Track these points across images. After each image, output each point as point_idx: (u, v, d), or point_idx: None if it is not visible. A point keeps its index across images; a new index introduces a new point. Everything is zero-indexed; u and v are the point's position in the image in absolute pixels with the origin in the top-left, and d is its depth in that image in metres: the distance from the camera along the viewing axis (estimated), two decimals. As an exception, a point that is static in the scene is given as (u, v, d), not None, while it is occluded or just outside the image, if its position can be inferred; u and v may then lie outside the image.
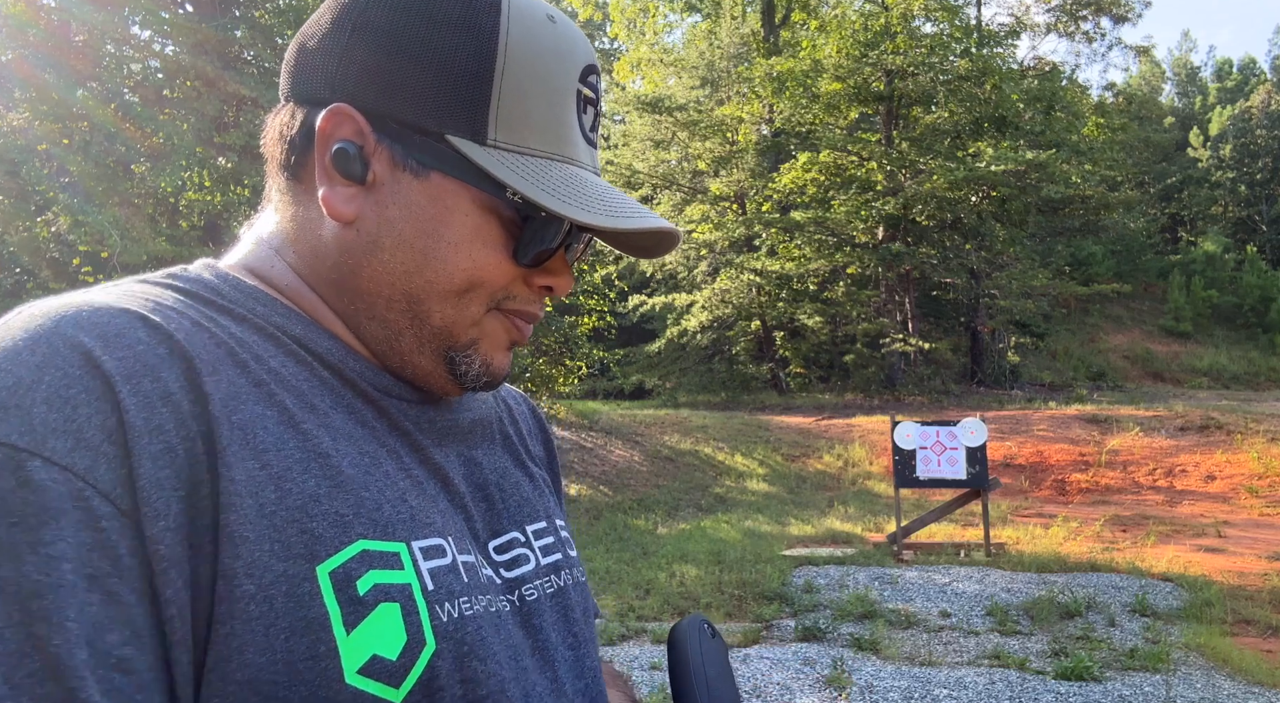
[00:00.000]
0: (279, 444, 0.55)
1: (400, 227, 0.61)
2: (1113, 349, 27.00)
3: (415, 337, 0.64)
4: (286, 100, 0.65)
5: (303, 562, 0.52)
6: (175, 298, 0.58)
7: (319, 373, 0.61)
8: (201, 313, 0.58)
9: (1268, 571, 7.38)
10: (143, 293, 0.57)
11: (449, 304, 0.63)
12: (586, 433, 14.27)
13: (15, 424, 0.47)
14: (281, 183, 0.66)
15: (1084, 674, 4.87)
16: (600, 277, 12.74)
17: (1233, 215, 35.55)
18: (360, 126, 0.61)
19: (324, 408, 0.59)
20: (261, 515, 0.52)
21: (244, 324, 0.60)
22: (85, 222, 9.34)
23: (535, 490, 0.76)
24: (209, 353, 0.55)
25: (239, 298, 0.61)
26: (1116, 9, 26.09)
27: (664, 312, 22.01)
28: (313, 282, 0.65)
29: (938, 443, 8.15)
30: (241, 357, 0.57)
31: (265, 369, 0.57)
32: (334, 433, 0.58)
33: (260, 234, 0.68)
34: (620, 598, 6.74)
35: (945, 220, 20.27)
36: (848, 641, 5.62)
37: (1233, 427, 13.57)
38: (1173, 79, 46.61)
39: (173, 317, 0.55)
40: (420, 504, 0.61)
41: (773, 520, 10.27)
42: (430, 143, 0.60)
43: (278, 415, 0.56)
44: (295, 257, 0.65)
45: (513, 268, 0.64)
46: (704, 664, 0.75)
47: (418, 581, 0.57)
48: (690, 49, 25.24)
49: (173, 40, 10.91)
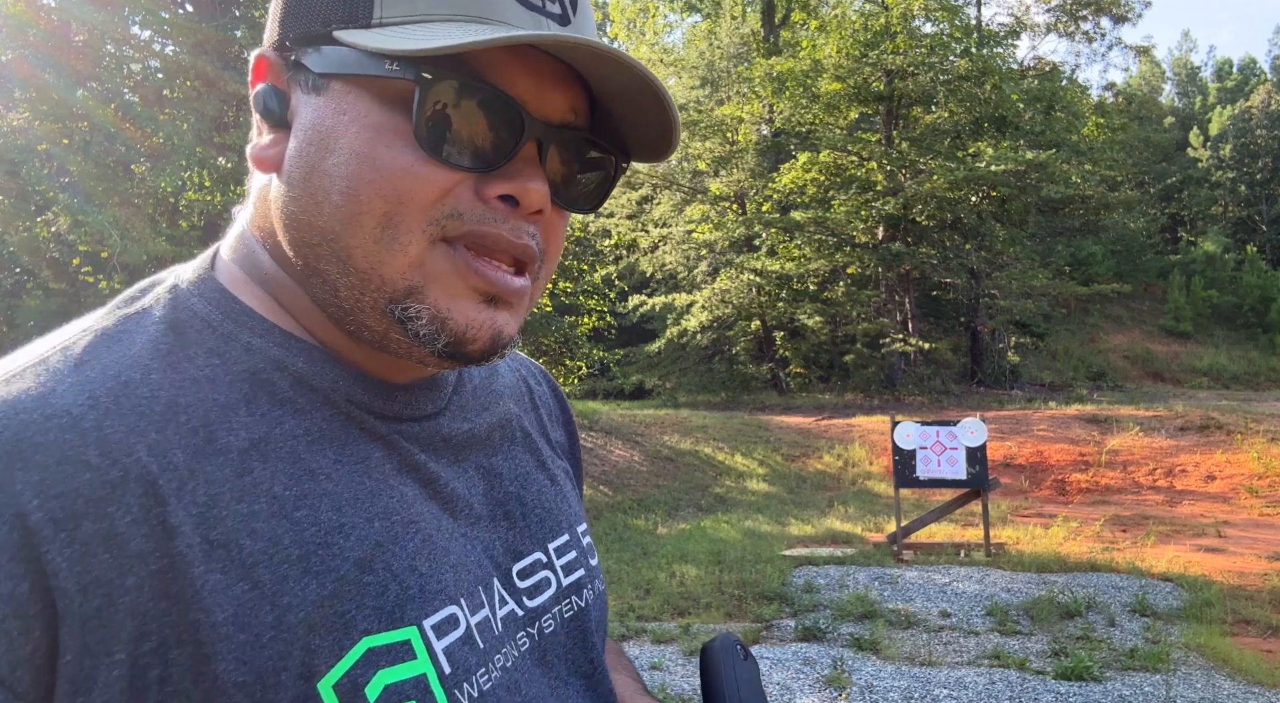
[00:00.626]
0: (271, 547, 0.48)
1: (307, 153, 0.52)
2: (1113, 349, 27.00)
3: (349, 287, 0.53)
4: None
5: (300, 682, 0.46)
6: (154, 349, 0.51)
7: (320, 416, 0.54)
8: (184, 375, 0.50)
9: (1268, 571, 7.38)
10: (118, 358, 0.49)
11: (369, 237, 0.51)
12: (586, 433, 14.27)
13: None
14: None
15: (1084, 674, 4.87)
16: (600, 277, 12.74)
17: (1233, 215, 35.56)
18: (273, 63, 0.54)
19: (326, 468, 0.52)
20: (257, 647, 0.45)
21: (235, 370, 0.52)
22: (85, 222, 9.35)
23: (558, 495, 0.71)
24: (182, 454, 0.47)
25: (231, 331, 0.54)
26: (1116, 9, 26.09)
27: (664, 312, 22.01)
28: (283, 263, 0.56)
29: (938, 443, 8.15)
30: (222, 441, 0.49)
31: (253, 442, 0.50)
32: (337, 502, 0.52)
33: (242, 218, 0.61)
34: (620, 598, 6.74)
35: (945, 220, 20.28)
36: (848, 641, 5.62)
37: (1233, 427, 13.57)
38: (1173, 79, 46.62)
39: (141, 402, 0.47)
40: (431, 567, 0.54)
41: (773, 521, 10.27)
42: (322, 48, 0.52)
43: (268, 507, 0.49)
44: (262, 236, 0.57)
45: (439, 171, 0.51)
46: (738, 688, 0.73)
47: (433, 667, 0.51)
48: (690, 49, 25.24)
49: (173, 40, 10.92)
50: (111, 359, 0.49)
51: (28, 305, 10.18)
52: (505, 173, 0.52)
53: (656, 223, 23.59)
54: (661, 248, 22.90)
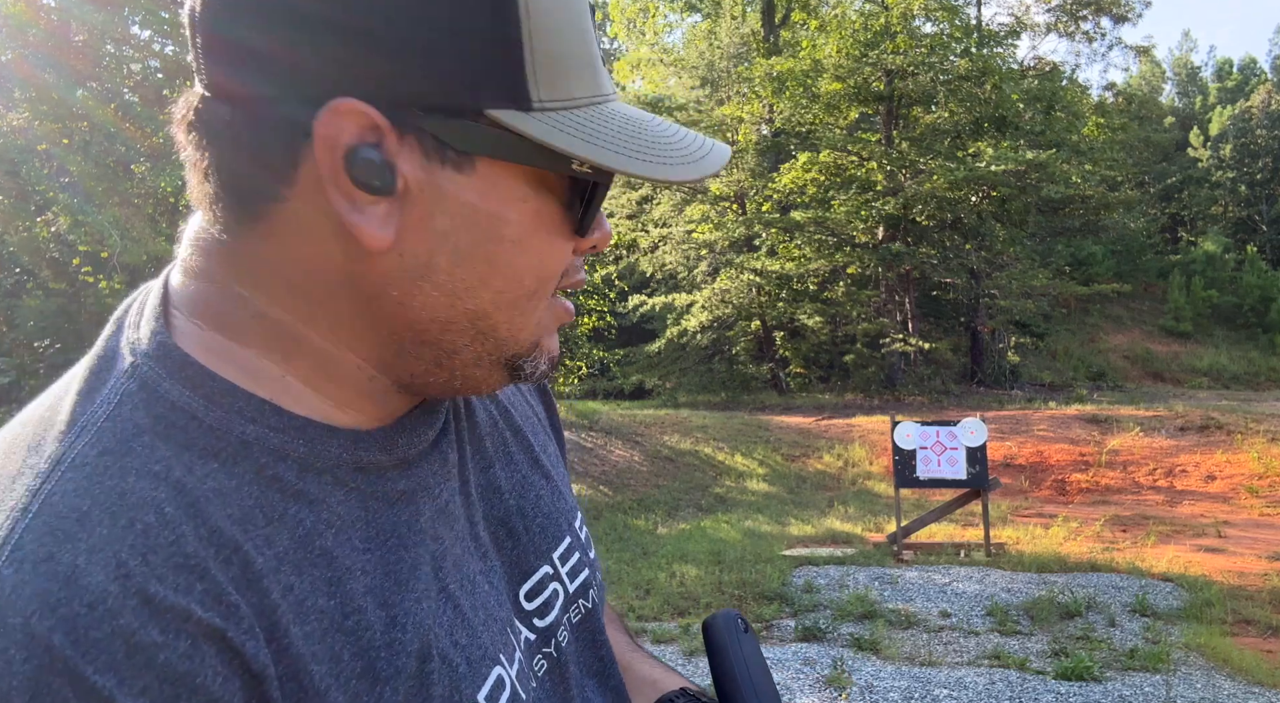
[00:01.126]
0: (335, 668, 0.46)
1: (455, 239, 0.49)
2: (1113, 349, 27.00)
3: (474, 353, 0.53)
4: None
5: None
6: (149, 471, 0.45)
7: (332, 502, 0.50)
8: (193, 496, 0.45)
9: (1268, 571, 7.38)
10: (118, 497, 0.43)
11: (517, 311, 0.52)
12: (586, 433, 14.27)
13: None
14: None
15: (1084, 674, 4.87)
16: (600, 277, 12.74)
17: (1233, 215, 35.56)
18: (373, 121, 0.46)
19: (357, 562, 0.50)
20: None
21: (236, 473, 0.47)
22: (85, 222, 9.35)
23: (554, 495, 0.69)
24: (234, 592, 0.44)
25: (221, 421, 0.48)
26: (1116, 9, 26.09)
27: (664, 312, 22.02)
28: (325, 329, 0.51)
29: (938, 443, 8.15)
30: (258, 565, 0.45)
31: (283, 556, 0.47)
32: (379, 597, 0.49)
33: (214, 267, 0.51)
34: (620, 598, 6.74)
35: (945, 220, 20.28)
36: (848, 641, 5.62)
37: (1233, 427, 13.57)
38: (1173, 79, 46.62)
39: (172, 552, 0.43)
40: (469, 637, 0.54)
41: (773, 520, 10.27)
42: (466, 124, 0.47)
43: (319, 625, 0.47)
44: (293, 301, 0.51)
45: (572, 245, 0.54)
46: (745, 659, 0.75)
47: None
48: (690, 49, 25.25)
49: (173, 40, 10.91)
50: (111, 501, 0.43)
51: (28, 305, 10.18)
52: (596, 224, 0.55)
53: (656, 223, 23.59)
54: (661, 248, 22.91)
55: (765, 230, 21.09)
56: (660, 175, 0.50)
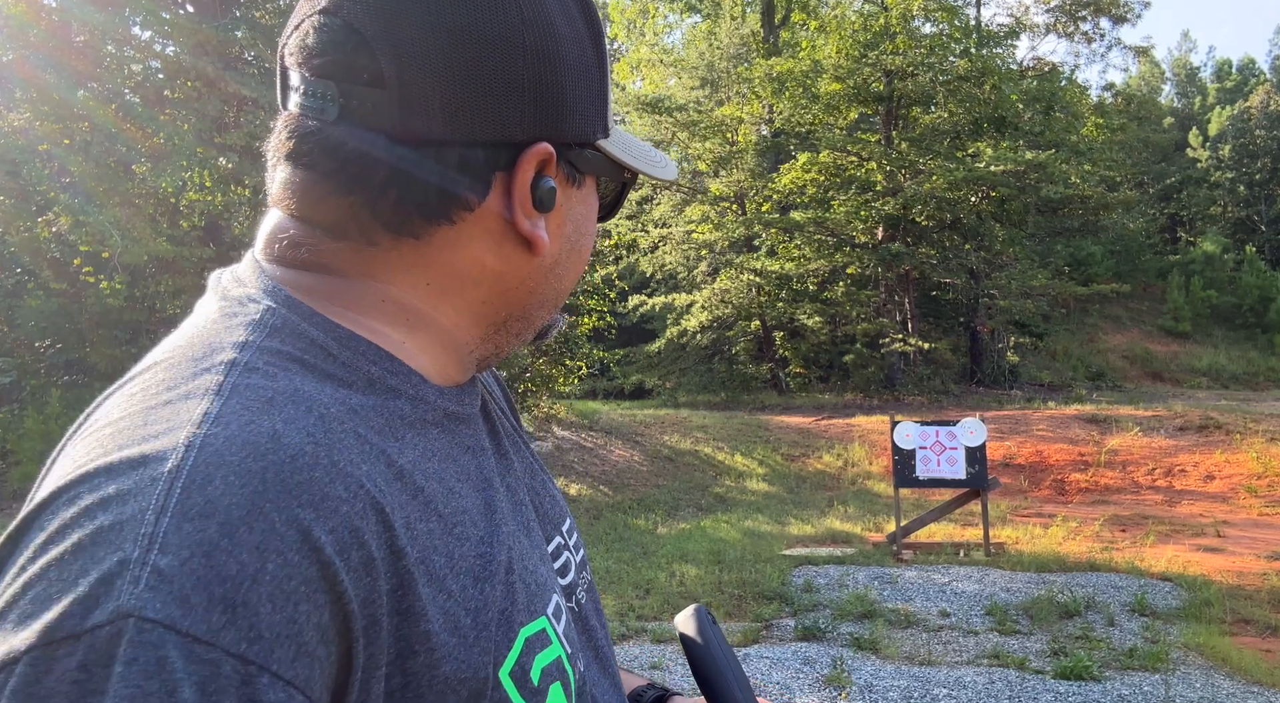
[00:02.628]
0: (450, 561, 0.54)
1: (573, 239, 0.65)
2: (1112, 349, 27.01)
3: (540, 320, 0.67)
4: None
5: (490, 670, 0.53)
6: (314, 386, 0.53)
7: (433, 435, 0.59)
8: (345, 405, 0.53)
9: (1267, 570, 7.39)
10: (291, 394, 0.51)
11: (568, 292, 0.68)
12: (586, 433, 14.28)
13: (244, 629, 0.41)
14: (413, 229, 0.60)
15: (1083, 674, 4.89)
16: (600, 277, 12.74)
17: (1232, 215, 35.57)
18: (548, 157, 0.60)
19: (458, 487, 0.58)
20: (465, 648, 0.52)
21: (365, 398, 0.55)
22: (86, 222, 9.36)
23: (545, 473, 0.77)
24: (383, 481, 0.51)
25: (351, 360, 0.56)
26: (1116, 9, 26.10)
27: (664, 312, 22.02)
28: (463, 318, 0.63)
29: (937, 443, 8.17)
30: (397, 466, 0.53)
31: (412, 465, 0.55)
32: (474, 517, 0.58)
33: (345, 265, 0.59)
34: (620, 598, 6.75)
35: (945, 220, 20.28)
36: (847, 640, 5.63)
37: (1232, 427, 13.59)
38: (1172, 79, 46.64)
39: (345, 434, 0.51)
40: (536, 563, 0.62)
41: (772, 520, 10.28)
42: (588, 152, 0.63)
43: (439, 526, 0.54)
44: (411, 296, 0.60)
45: None
46: (721, 647, 0.80)
47: (562, 648, 0.60)
48: (690, 49, 25.26)
49: (173, 41, 10.92)
50: (290, 393, 0.51)
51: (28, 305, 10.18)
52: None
53: (656, 223, 23.60)
54: (661, 248, 22.92)
55: (765, 230, 21.10)
56: (665, 176, 0.67)
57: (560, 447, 13.19)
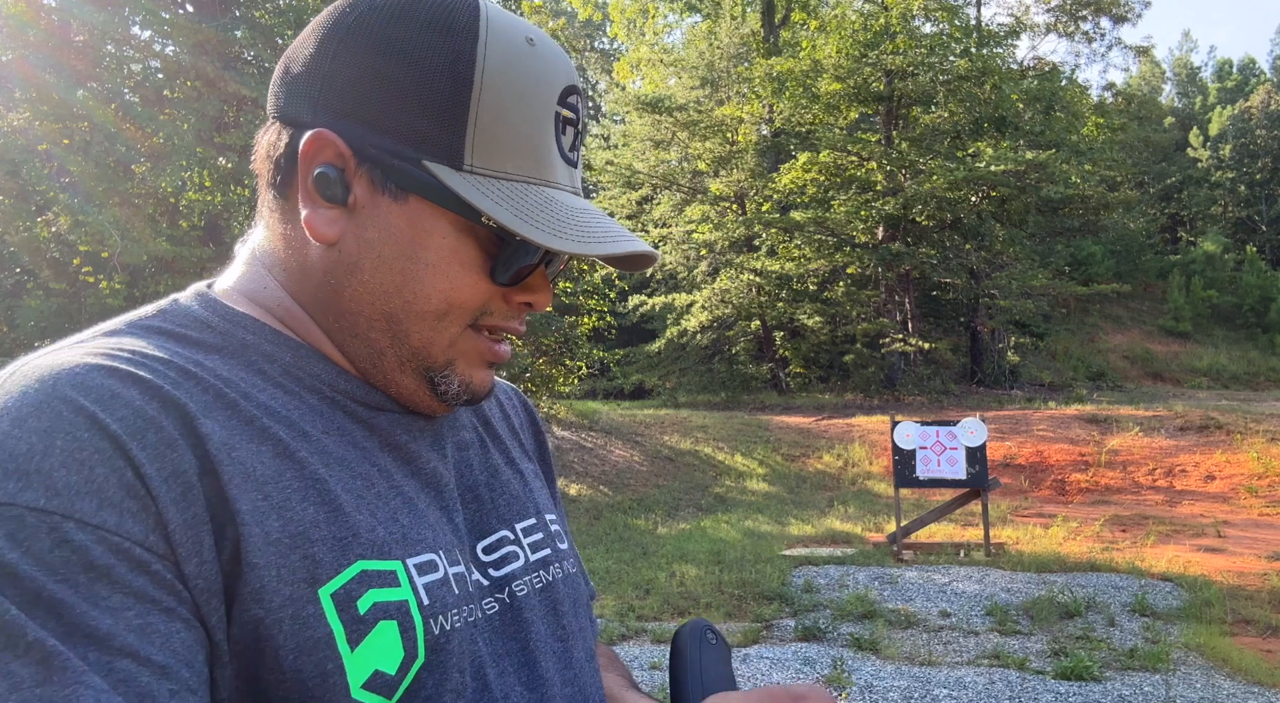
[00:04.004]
0: (277, 476, 0.58)
1: (379, 248, 0.64)
2: (1112, 349, 27.01)
3: (396, 356, 0.66)
4: (273, 120, 0.67)
5: (305, 585, 0.56)
6: (161, 344, 0.61)
7: (307, 400, 0.64)
8: (187, 358, 0.60)
9: (1267, 570, 7.39)
10: (131, 347, 0.59)
11: (427, 325, 0.65)
12: (586, 433, 14.27)
13: (40, 489, 0.49)
14: (270, 200, 0.68)
15: (1084, 674, 4.88)
16: (600, 277, 12.73)
17: (1232, 215, 35.56)
18: (341, 151, 0.63)
19: (316, 434, 0.62)
20: (267, 543, 0.55)
21: (232, 360, 0.63)
22: (85, 222, 9.35)
23: (525, 487, 0.79)
24: (199, 399, 0.58)
25: (228, 329, 0.64)
26: (1116, 9, 26.10)
27: (664, 312, 22.02)
28: (302, 300, 0.67)
29: (937, 443, 8.16)
30: (230, 397, 0.59)
31: (255, 405, 0.60)
32: (327, 459, 0.62)
33: (253, 252, 0.70)
34: (620, 598, 6.75)
35: (945, 220, 20.28)
36: (847, 640, 5.63)
37: (1232, 427, 13.58)
38: (1173, 79, 46.63)
39: (158, 369, 0.58)
40: (411, 522, 0.64)
41: (773, 520, 10.27)
42: (409, 168, 0.62)
43: (272, 449, 0.59)
44: (284, 275, 0.68)
45: (490, 287, 0.66)
46: (701, 670, 0.79)
47: (414, 596, 0.61)
48: (690, 49, 25.24)
49: (173, 40, 10.91)
50: (118, 346, 0.59)
51: (28, 305, 10.17)
52: (527, 286, 0.69)
53: (656, 223, 23.60)
54: (661, 248, 22.91)
55: (765, 230, 21.09)
56: (541, 240, 0.61)
57: (560, 447, 13.19)
